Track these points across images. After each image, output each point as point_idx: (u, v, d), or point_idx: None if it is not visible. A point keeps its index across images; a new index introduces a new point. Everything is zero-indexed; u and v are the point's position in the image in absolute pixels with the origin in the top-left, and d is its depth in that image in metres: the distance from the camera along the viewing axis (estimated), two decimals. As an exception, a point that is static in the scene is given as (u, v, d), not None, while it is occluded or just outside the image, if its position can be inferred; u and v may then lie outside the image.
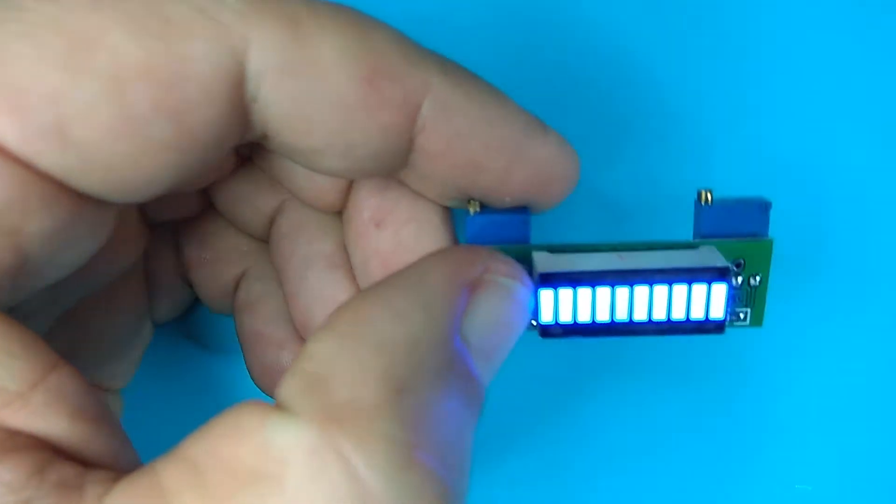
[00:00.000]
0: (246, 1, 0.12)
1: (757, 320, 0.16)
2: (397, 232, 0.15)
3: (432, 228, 0.16)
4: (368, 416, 0.11)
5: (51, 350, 0.11)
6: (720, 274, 0.14)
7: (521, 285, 0.14)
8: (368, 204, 0.16)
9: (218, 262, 0.18)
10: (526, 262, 0.15)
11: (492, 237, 0.15)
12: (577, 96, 0.19)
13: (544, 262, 0.15)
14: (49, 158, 0.11)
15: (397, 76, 0.13)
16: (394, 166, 0.14)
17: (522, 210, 0.15)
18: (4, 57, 0.11)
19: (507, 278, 0.14)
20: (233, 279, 0.18)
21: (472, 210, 0.15)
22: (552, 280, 0.14)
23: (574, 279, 0.14)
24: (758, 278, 0.16)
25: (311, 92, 0.12)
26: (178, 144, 0.12)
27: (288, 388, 0.11)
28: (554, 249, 0.15)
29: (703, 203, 0.16)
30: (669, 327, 0.15)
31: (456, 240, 0.16)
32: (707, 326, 0.15)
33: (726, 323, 0.15)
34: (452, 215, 0.16)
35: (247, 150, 0.16)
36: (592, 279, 0.14)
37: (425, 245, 0.16)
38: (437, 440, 0.11)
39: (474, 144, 0.14)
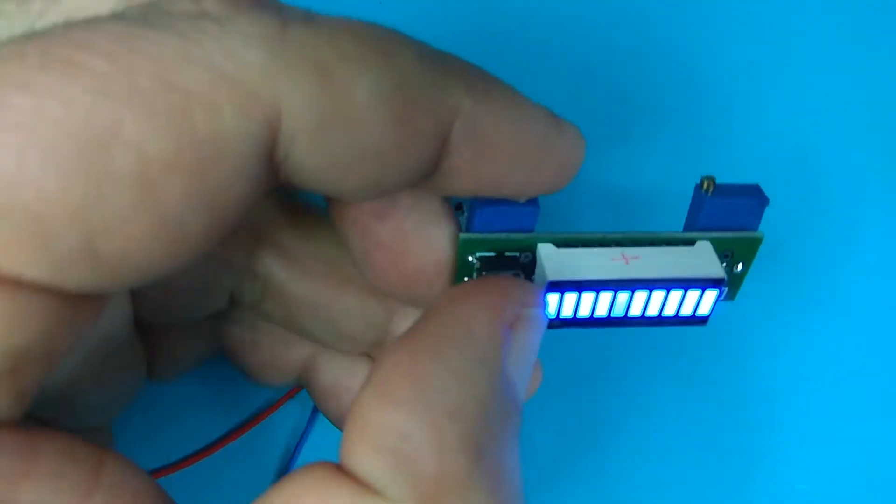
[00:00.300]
0: (269, 53, 0.10)
1: (730, 297, 0.17)
2: (400, 223, 0.15)
3: (434, 216, 0.15)
4: (459, 488, 0.11)
5: (92, 445, 0.11)
6: (716, 283, 0.15)
7: (543, 311, 0.14)
8: None
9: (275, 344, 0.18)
10: (530, 250, 0.16)
11: (499, 226, 0.15)
12: (586, 83, 0.18)
13: (552, 263, 0.15)
14: (78, 280, 0.10)
15: (427, 107, 0.12)
16: (416, 184, 0.13)
17: (532, 201, 0.15)
18: (9, 175, 0.09)
19: (534, 309, 0.14)
20: (295, 363, 0.18)
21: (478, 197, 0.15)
22: (561, 287, 0.15)
23: (581, 286, 0.15)
24: (741, 265, 0.16)
25: (346, 142, 0.11)
26: (211, 228, 0.10)
27: (372, 465, 0.11)
28: (558, 241, 0.16)
29: (704, 191, 0.16)
30: (658, 321, 0.16)
31: (458, 224, 0.16)
32: (692, 320, 0.16)
33: (710, 317, 0.16)
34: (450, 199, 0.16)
35: None
36: (598, 286, 0.15)
37: (429, 233, 0.15)
38: (513, 488, 0.12)
39: (500, 159, 0.14)
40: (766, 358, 0.21)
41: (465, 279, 0.16)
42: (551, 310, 0.15)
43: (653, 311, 0.16)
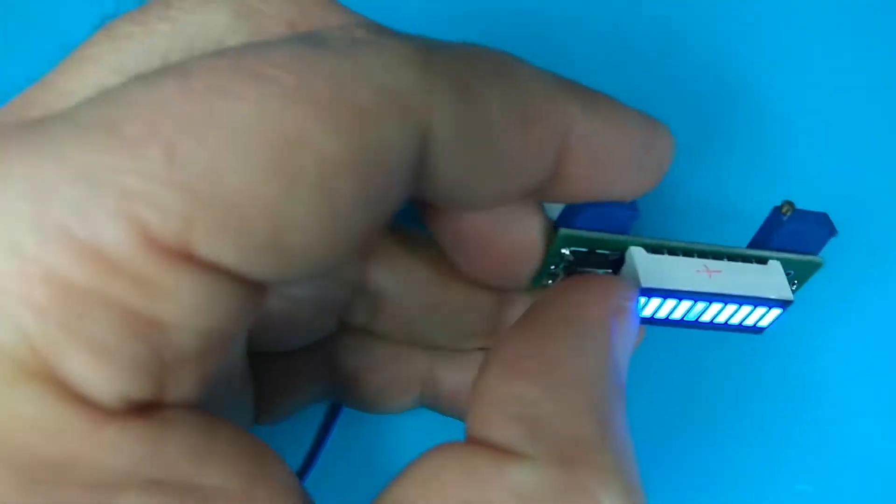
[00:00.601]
0: (421, 71, 0.11)
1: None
2: (492, 212, 0.16)
3: (522, 204, 0.16)
4: (594, 450, 0.12)
5: (253, 436, 0.11)
6: (783, 304, 0.17)
7: (637, 307, 0.15)
8: None
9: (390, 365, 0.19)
10: (620, 250, 0.17)
11: (598, 225, 0.16)
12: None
13: (644, 268, 0.16)
14: (261, 269, 0.10)
15: (548, 118, 0.13)
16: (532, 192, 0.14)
17: (632, 206, 0.16)
18: (216, 169, 0.09)
19: (632, 302, 0.15)
20: (414, 380, 0.18)
21: None
22: (651, 293, 0.16)
23: (668, 294, 0.16)
24: (795, 284, 0.18)
25: (480, 152, 0.12)
26: (367, 229, 0.11)
27: (508, 432, 0.12)
28: (648, 246, 0.17)
29: (782, 213, 0.17)
30: (719, 326, 0.17)
31: (543, 211, 0.16)
32: (751, 329, 0.18)
33: (766, 329, 0.17)
34: None
35: None
36: (683, 296, 0.16)
37: (522, 220, 0.16)
38: (632, 459, 0.13)
39: (609, 162, 0.14)
40: (766, 358, 0.22)
41: (552, 267, 0.17)
42: (634, 309, 0.17)
43: (720, 319, 0.17)
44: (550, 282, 0.18)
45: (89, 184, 0.09)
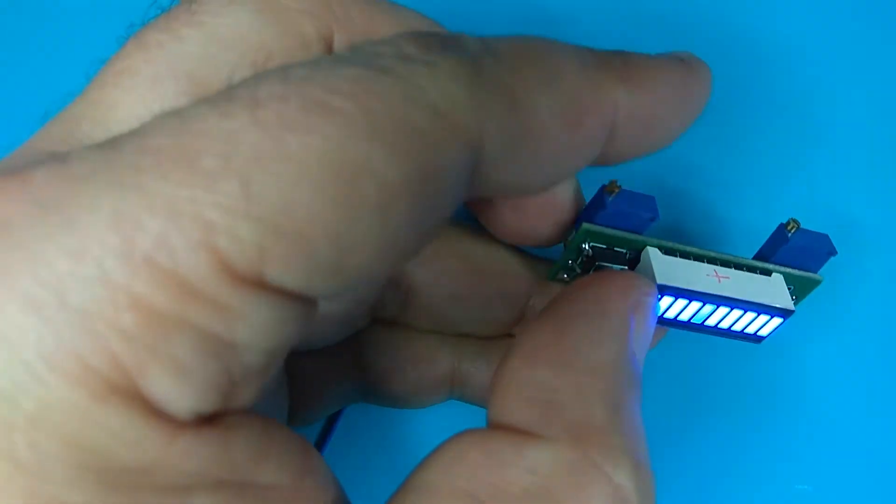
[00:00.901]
0: (471, 88, 0.12)
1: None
2: None
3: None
4: (605, 432, 0.13)
5: (297, 434, 0.12)
6: (785, 314, 0.18)
7: (657, 301, 0.16)
8: None
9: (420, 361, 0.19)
10: (635, 250, 0.17)
11: (618, 224, 0.17)
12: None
13: (660, 267, 0.17)
14: (322, 289, 0.11)
15: (594, 109, 0.14)
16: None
17: (652, 210, 0.17)
18: (287, 201, 0.10)
19: (651, 297, 0.16)
20: (444, 373, 0.19)
21: (609, 195, 0.17)
22: (665, 290, 0.17)
23: (681, 293, 0.17)
24: (795, 298, 0.19)
25: (530, 154, 0.13)
26: (421, 242, 0.12)
27: (526, 414, 0.13)
28: (663, 248, 0.18)
29: (788, 230, 0.18)
30: (723, 332, 0.18)
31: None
32: (750, 338, 0.19)
33: (766, 338, 0.18)
34: None
35: None
36: (693, 296, 0.17)
37: (560, 193, 0.17)
38: (642, 441, 0.14)
39: (653, 127, 0.15)
40: (766, 358, 0.22)
41: (570, 262, 0.18)
42: (646, 307, 0.17)
43: (724, 324, 0.18)
44: (566, 276, 0.18)
45: (172, 216, 0.10)
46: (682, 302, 0.17)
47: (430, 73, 0.11)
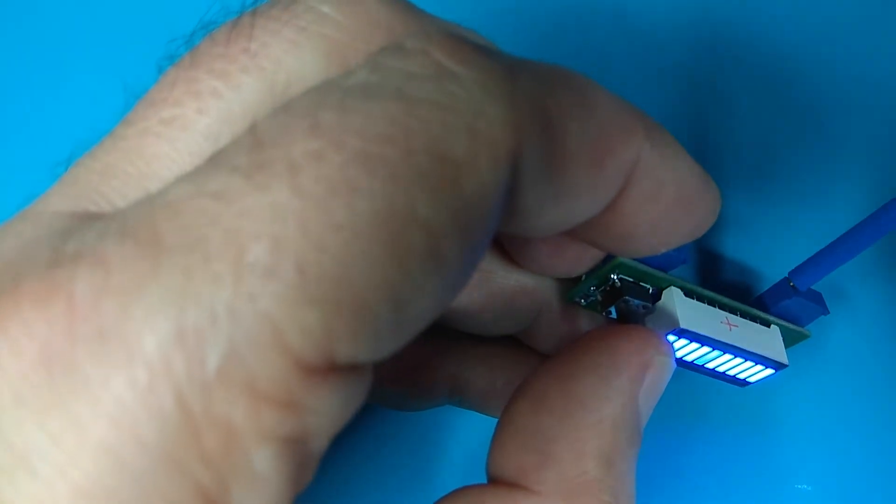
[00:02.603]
0: (509, 105, 0.11)
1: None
2: None
3: None
4: (594, 488, 0.14)
5: None
6: (778, 367, 0.18)
7: (673, 360, 0.16)
8: None
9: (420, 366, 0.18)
10: (658, 286, 0.18)
11: (651, 260, 0.17)
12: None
13: (683, 310, 0.17)
14: (387, 351, 0.10)
15: (617, 150, 0.13)
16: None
17: (683, 250, 0.17)
18: (343, 273, 0.09)
19: (667, 357, 0.16)
20: (444, 381, 0.19)
21: None
22: (685, 334, 0.17)
23: (695, 338, 0.17)
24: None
25: (555, 186, 0.12)
26: (473, 271, 0.11)
27: (520, 463, 0.14)
28: (685, 290, 0.18)
29: (791, 286, 0.19)
30: (716, 374, 0.19)
31: None
32: (737, 382, 0.19)
33: (752, 384, 0.19)
34: None
35: None
36: (708, 342, 0.18)
37: None
38: (629, 495, 0.15)
39: (664, 202, 0.14)
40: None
41: (592, 288, 0.18)
42: (660, 345, 0.18)
43: (721, 368, 0.19)
44: (583, 301, 0.18)
45: (235, 321, 0.09)
46: (694, 345, 0.18)
47: (465, 92, 0.10)
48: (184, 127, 0.11)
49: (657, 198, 0.14)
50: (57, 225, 0.10)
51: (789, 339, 0.20)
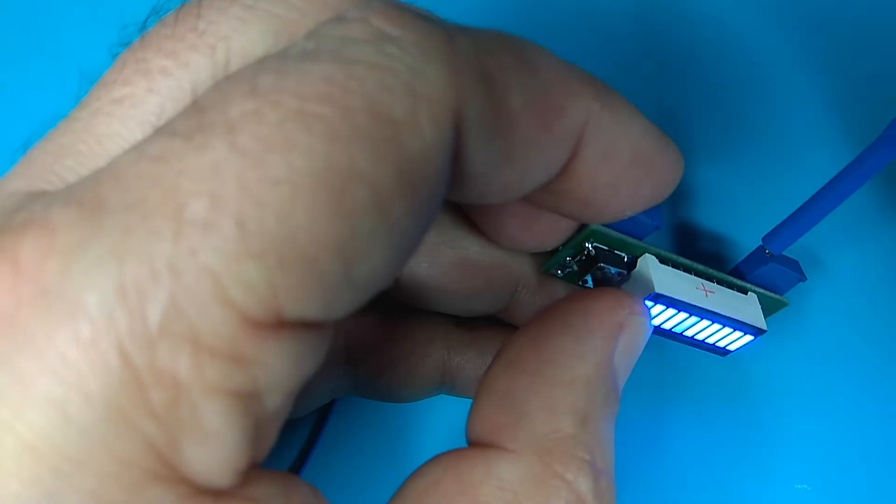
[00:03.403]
0: (448, 65, 0.11)
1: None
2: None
3: None
4: (569, 444, 0.14)
5: (313, 488, 0.12)
6: (757, 332, 0.19)
7: (648, 320, 0.17)
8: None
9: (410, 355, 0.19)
10: (633, 254, 0.18)
11: (624, 227, 0.17)
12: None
13: (657, 276, 0.18)
14: (339, 309, 0.10)
15: (565, 111, 0.13)
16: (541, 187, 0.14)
17: (657, 218, 0.17)
18: (285, 228, 0.09)
19: (641, 317, 0.16)
20: (435, 368, 0.19)
21: None
22: (660, 299, 0.17)
23: (673, 304, 0.18)
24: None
25: (500, 146, 0.12)
26: (423, 232, 0.11)
27: (497, 423, 0.14)
28: (660, 257, 0.18)
29: (767, 254, 0.19)
30: (695, 342, 0.19)
31: None
32: (718, 350, 0.19)
33: (733, 353, 0.19)
34: None
35: None
36: (684, 307, 0.18)
37: None
38: (607, 454, 0.15)
39: (618, 164, 0.14)
40: (765, 358, 0.22)
41: (567, 259, 0.18)
42: (637, 312, 0.18)
43: (701, 335, 0.19)
44: (559, 272, 0.18)
45: (175, 277, 0.09)
46: (670, 311, 0.18)
47: (403, 54, 0.11)
48: (134, 105, 0.11)
49: (611, 159, 0.14)
50: (10, 202, 0.11)
51: (768, 308, 0.20)
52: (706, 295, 0.18)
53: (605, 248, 0.18)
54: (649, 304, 0.18)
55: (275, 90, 0.10)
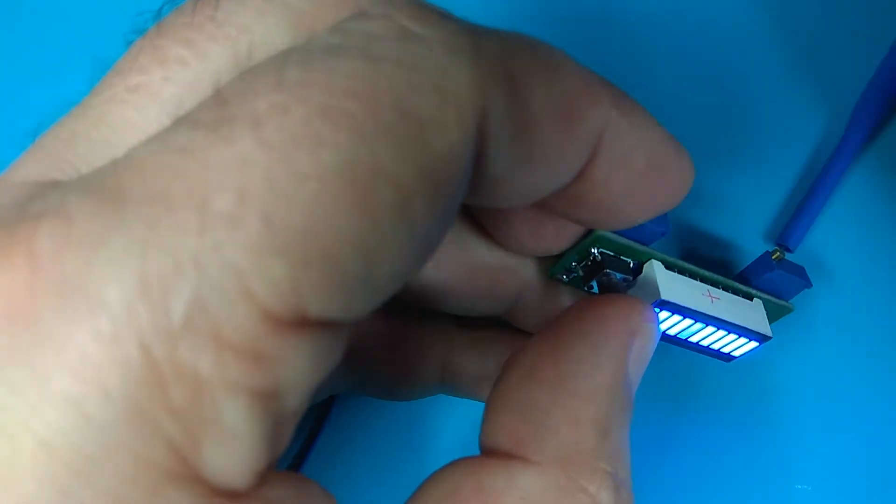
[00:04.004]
0: (473, 65, 0.11)
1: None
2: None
3: None
4: (591, 456, 0.14)
5: (327, 492, 0.12)
6: (762, 339, 0.19)
7: (657, 327, 0.17)
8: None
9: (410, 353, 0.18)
10: (639, 260, 0.18)
11: (631, 233, 0.17)
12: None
13: (664, 282, 0.17)
14: (360, 307, 0.10)
15: (585, 116, 0.13)
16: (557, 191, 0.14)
17: (664, 224, 0.17)
18: (310, 225, 0.09)
19: (653, 324, 0.16)
20: (435, 366, 0.19)
21: None
22: (666, 306, 0.17)
23: (679, 310, 0.17)
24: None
25: (522, 150, 0.12)
26: (444, 233, 0.11)
27: (517, 434, 0.14)
28: (666, 263, 0.18)
29: (773, 259, 0.19)
30: (700, 348, 0.19)
31: None
32: (722, 356, 0.19)
33: (737, 358, 0.19)
34: None
35: None
36: (690, 314, 0.18)
37: None
38: (626, 464, 0.15)
39: (633, 171, 0.14)
40: (765, 358, 0.22)
41: (573, 263, 0.18)
42: (642, 318, 0.18)
43: (706, 342, 0.19)
44: (565, 277, 0.18)
45: (200, 271, 0.09)
46: (676, 317, 0.18)
47: (429, 52, 0.11)
48: (150, 94, 0.11)
49: (627, 165, 0.14)
50: (23, 192, 0.10)
51: (773, 314, 0.20)
52: (712, 301, 0.18)
53: (611, 253, 0.18)
54: (655, 310, 0.17)
55: (302, 84, 0.10)
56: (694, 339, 0.19)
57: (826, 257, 0.22)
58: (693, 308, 0.18)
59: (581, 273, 0.18)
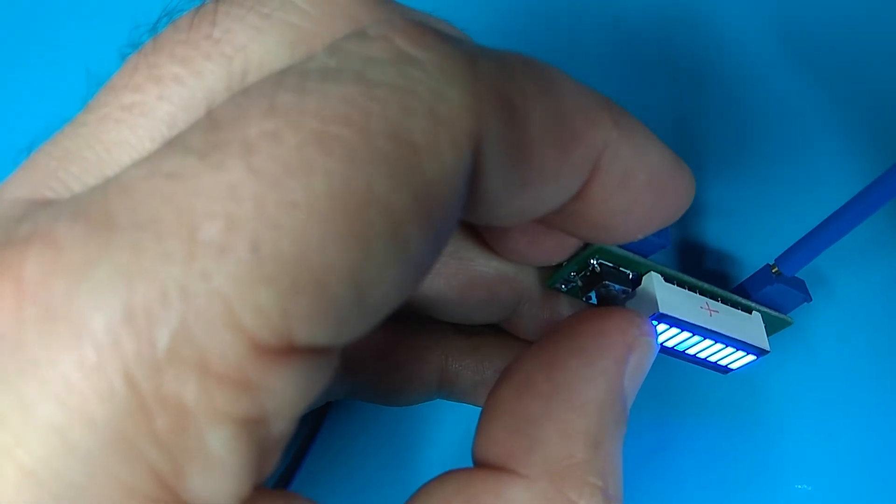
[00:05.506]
0: (470, 90, 0.11)
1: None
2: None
3: None
4: (581, 470, 0.14)
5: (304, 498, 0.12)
6: (760, 353, 0.19)
7: (655, 340, 0.16)
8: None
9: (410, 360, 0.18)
10: (638, 272, 0.18)
11: (630, 245, 0.17)
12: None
13: (662, 295, 0.17)
14: (349, 334, 0.10)
15: (584, 138, 0.13)
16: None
17: (664, 235, 0.17)
18: (300, 252, 0.09)
19: (651, 338, 0.16)
20: (433, 372, 0.18)
21: None
22: (665, 319, 0.17)
23: (678, 324, 0.17)
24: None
25: (518, 171, 0.12)
26: (437, 256, 0.11)
27: (510, 447, 0.14)
28: (665, 275, 0.18)
29: (773, 273, 0.19)
30: (697, 360, 0.19)
31: None
32: (719, 368, 0.19)
33: (734, 371, 0.19)
34: None
35: None
36: (688, 328, 0.18)
37: None
38: (617, 479, 0.15)
39: (633, 190, 0.14)
40: (765, 358, 0.21)
41: (572, 274, 0.18)
42: (640, 330, 0.18)
43: (703, 354, 0.19)
44: (563, 287, 0.18)
45: (186, 300, 0.09)
46: (674, 330, 0.18)
47: (426, 76, 0.10)
48: (144, 113, 0.11)
49: (627, 184, 0.14)
50: (13, 211, 0.10)
51: (772, 327, 0.20)
52: (710, 314, 0.18)
53: (611, 264, 0.18)
54: (653, 323, 0.17)
55: (295, 110, 0.10)
56: (691, 351, 0.19)
57: (826, 271, 0.22)
58: (691, 321, 0.18)
59: (580, 283, 0.18)
